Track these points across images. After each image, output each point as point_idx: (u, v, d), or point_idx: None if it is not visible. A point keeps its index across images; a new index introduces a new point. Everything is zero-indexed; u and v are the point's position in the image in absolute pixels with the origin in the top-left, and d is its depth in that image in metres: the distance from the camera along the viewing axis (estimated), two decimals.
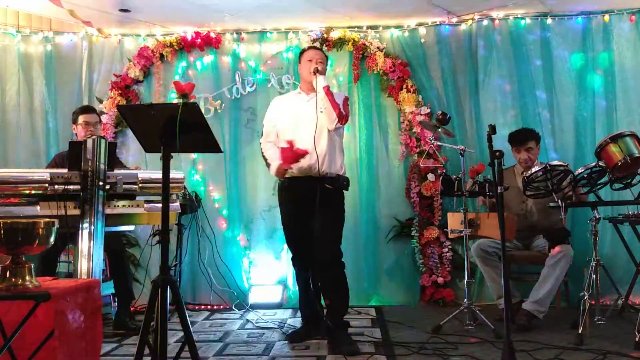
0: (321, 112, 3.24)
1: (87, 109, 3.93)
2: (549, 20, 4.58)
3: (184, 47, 4.79)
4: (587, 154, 4.33)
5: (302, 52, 3.48)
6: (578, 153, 4.48)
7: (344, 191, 3.39)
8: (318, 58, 3.36)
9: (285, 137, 3.31)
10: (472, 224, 3.61)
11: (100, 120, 4.06)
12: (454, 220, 3.74)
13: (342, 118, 3.25)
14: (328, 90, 3.23)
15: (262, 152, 3.55)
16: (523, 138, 3.94)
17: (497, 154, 2.70)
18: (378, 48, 4.66)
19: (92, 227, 2.94)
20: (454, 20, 4.67)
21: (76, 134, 3.88)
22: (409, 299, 4.53)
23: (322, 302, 3.40)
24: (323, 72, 3.30)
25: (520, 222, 3.86)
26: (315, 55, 3.38)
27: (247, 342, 3.43)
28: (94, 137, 3.01)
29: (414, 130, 4.58)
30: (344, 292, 3.31)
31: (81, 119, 3.82)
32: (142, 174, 3.19)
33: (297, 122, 3.33)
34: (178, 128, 2.08)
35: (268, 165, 3.48)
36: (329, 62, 4.28)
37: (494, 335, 3.33)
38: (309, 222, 3.28)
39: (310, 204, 3.21)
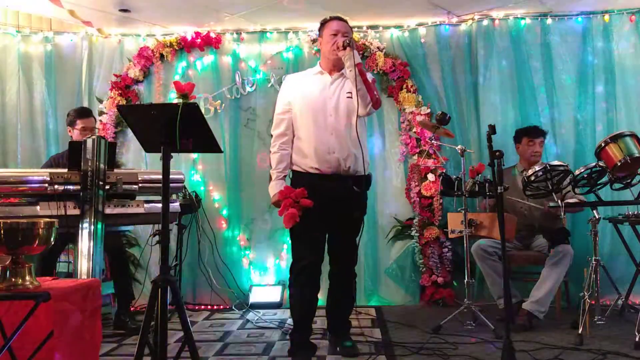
0: (349, 96, 2.85)
1: (86, 113, 3.87)
2: (549, 20, 4.58)
3: (184, 47, 4.79)
4: (587, 154, 4.33)
5: (324, 23, 2.98)
6: (578, 153, 4.48)
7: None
8: (344, 31, 2.88)
9: (304, 126, 2.89)
10: (472, 224, 3.61)
11: (95, 124, 4.05)
12: (454, 220, 3.74)
13: (377, 102, 2.84)
14: (362, 69, 2.77)
15: (271, 151, 3.01)
16: (539, 131, 4.02)
17: (497, 154, 2.71)
18: (378, 48, 4.66)
19: (92, 227, 2.94)
20: (454, 20, 4.67)
21: (71, 136, 3.87)
22: (409, 299, 4.54)
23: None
24: (353, 45, 2.79)
25: (520, 222, 3.86)
26: (340, 27, 2.89)
27: (247, 342, 3.43)
28: (93, 137, 3.02)
29: (414, 130, 4.58)
30: (354, 296, 3.22)
31: (80, 123, 3.80)
32: (142, 174, 3.19)
33: (321, 108, 2.88)
34: (178, 128, 2.08)
35: (270, 177, 2.98)
36: None
37: (494, 335, 3.33)
38: (329, 226, 2.96)
39: (335, 205, 2.87)
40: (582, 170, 3.28)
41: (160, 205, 2.23)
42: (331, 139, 2.87)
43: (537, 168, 3.35)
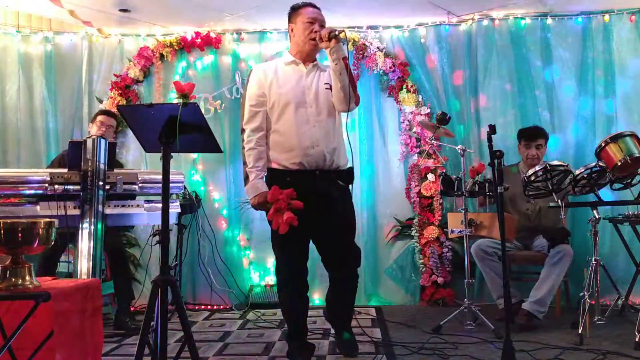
0: (327, 88, 2.74)
1: (108, 112, 4.15)
2: (549, 20, 4.58)
3: (184, 47, 4.79)
4: (587, 154, 4.33)
5: (297, 8, 2.81)
6: (578, 153, 4.48)
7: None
8: (321, 20, 2.75)
9: (284, 119, 2.72)
10: (472, 224, 3.61)
11: (115, 127, 4.14)
12: (454, 220, 3.74)
13: (358, 99, 2.74)
14: (347, 63, 2.63)
15: (243, 149, 2.82)
16: (534, 134, 3.97)
17: (497, 154, 2.71)
18: (378, 48, 4.66)
19: (92, 227, 2.94)
20: (454, 20, 4.67)
21: (89, 132, 4.03)
22: (409, 299, 4.54)
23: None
24: (339, 38, 2.62)
25: (520, 222, 3.86)
26: (317, 14, 2.76)
27: (247, 342, 3.43)
28: (93, 137, 3.02)
29: (414, 130, 4.58)
30: (355, 296, 3.09)
31: (99, 118, 3.98)
32: (142, 174, 3.19)
33: (300, 99, 2.75)
34: (178, 128, 2.08)
35: (246, 176, 2.78)
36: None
37: (494, 335, 3.33)
38: (317, 226, 2.80)
39: (321, 202, 2.72)
40: (582, 170, 3.28)
41: (160, 205, 2.23)
42: (314, 131, 2.73)
43: (537, 168, 3.35)
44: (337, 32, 2.63)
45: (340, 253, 2.89)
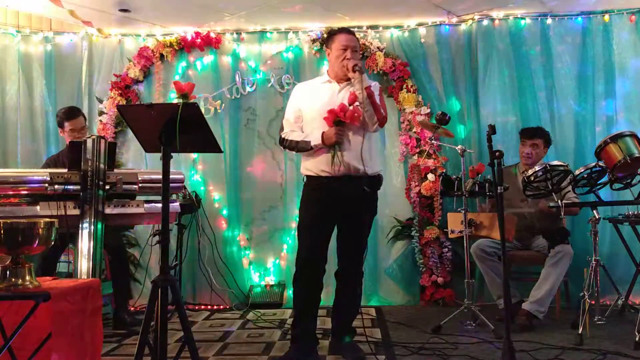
0: (357, 105, 2.91)
1: (72, 114, 3.79)
2: (549, 20, 4.58)
3: (184, 47, 4.79)
4: (587, 154, 4.33)
5: (333, 34, 3.03)
6: (578, 153, 4.48)
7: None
8: (353, 45, 2.94)
9: (314, 132, 2.93)
10: (472, 224, 3.61)
11: (87, 121, 3.97)
12: (454, 220, 3.74)
13: (383, 120, 2.93)
14: (371, 92, 2.85)
15: (284, 144, 3.05)
16: (532, 133, 3.96)
17: (497, 154, 2.70)
18: (378, 48, 4.66)
19: (92, 227, 2.94)
20: (454, 20, 4.67)
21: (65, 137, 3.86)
22: (409, 299, 4.54)
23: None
24: (363, 70, 2.90)
25: (520, 222, 3.86)
26: (349, 41, 2.95)
27: (247, 342, 3.43)
28: (93, 137, 3.02)
29: (414, 130, 4.58)
30: (360, 300, 3.19)
31: (68, 126, 3.75)
32: (142, 174, 3.19)
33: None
34: (178, 128, 2.08)
35: (298, 147, 2.98)
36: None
37: (494, 335, 3.33)
38: (336, 224, 3.04)
39: (344, 207, 2.94)
40: (582, 170, 3.28)
41: (160, 205, 2.23)
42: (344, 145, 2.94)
43: (537, 168, 3.35)
44: (359, 67, 2.85)
45: (351, 251, 3.08)
